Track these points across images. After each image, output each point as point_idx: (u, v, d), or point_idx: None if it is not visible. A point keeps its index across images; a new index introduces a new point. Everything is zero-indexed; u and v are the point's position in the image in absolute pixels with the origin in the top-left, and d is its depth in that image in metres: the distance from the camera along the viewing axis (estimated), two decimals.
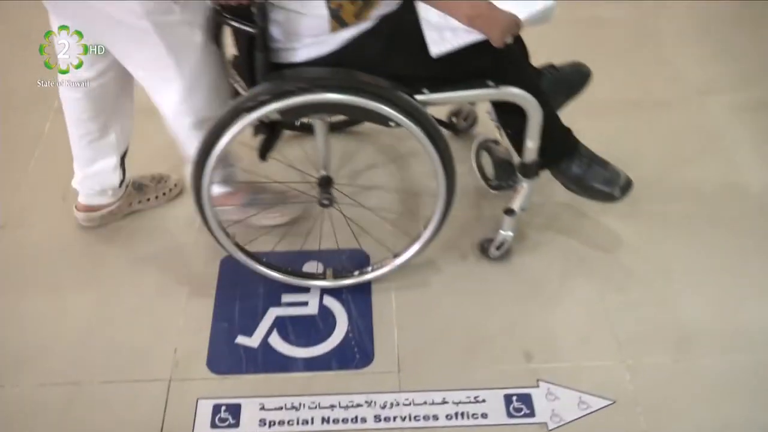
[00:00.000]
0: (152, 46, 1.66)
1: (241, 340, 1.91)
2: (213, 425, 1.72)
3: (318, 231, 2.08)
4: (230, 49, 1.80)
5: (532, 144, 1.76)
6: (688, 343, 1.89)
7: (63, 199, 2.22)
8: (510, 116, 1.75)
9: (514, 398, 1.78)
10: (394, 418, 1.74)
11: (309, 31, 1.62)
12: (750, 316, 1.94)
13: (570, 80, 2.02)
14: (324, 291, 2.01)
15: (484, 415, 1.74)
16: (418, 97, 1.65)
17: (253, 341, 1.91)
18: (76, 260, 2.10)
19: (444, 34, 1.58)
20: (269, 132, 1.80)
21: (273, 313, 1.97)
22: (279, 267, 1.98)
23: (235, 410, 1.76)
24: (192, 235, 2.15)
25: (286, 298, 2.01)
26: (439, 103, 1.72)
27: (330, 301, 2.00)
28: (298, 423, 1.73)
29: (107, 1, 1.57)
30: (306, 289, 2.01)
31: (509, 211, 1.93)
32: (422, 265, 2.06)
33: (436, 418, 1.74)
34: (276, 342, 1.91)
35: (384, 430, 1.72)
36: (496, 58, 1.60)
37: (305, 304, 1.99)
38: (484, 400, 1.77)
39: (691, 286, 2.00)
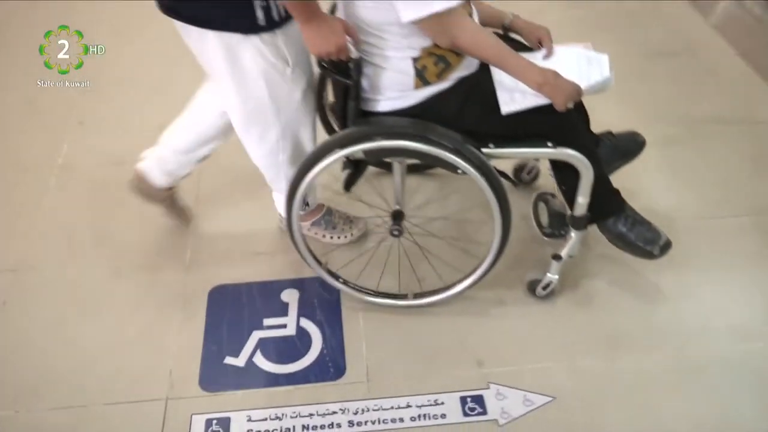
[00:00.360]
0: (258, 95, 1.73)
1: (229, 360, 1.93)
2: None
3: (384, 257, 2.14)
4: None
5: (582, 200, 1.78)
6: (617, 345, 1.95)
7: (68, 243, 2.26)
8: (565, 174, 1.77)
9: (469, 399, 1.83)
10: (365, 422, 1.78)
11: (395, 86, 1.66)
12: (666, 317, 2.03)
13: (625, 147, 2.01)
14: (300, 314, 2.04)
15: (443, 416, 1.79)
16: (485, 150, 1.68)
17: (240, 361, 1.93)
18: (80, 297, 2.11)
19: (514, 95, 1.62)
20: (354, 167, 1.85)
21: (256, 335, 1.99)
22: (366, 290, 2.03)
23: (225, 423, 1.78)
24: (182, 271, 2.17)
25: (268, 321, 2.03)
26: (503, 157, 1.73)
27: (306, 323, 2.02)
28: (281, 431, 1.76)
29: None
30: (285, 313, 2.04)
31: (557, 257, 1.95)
32: None
33: (401, 420, 1.78)
34: (260, 361, 1.93)
35: None
36: (557, 122, 1.63)
37: (284, 326, 2.02)
38: (442, 403, 1.81)
39: (614, 298, 2.08)
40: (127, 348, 1.97)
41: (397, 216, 2.05)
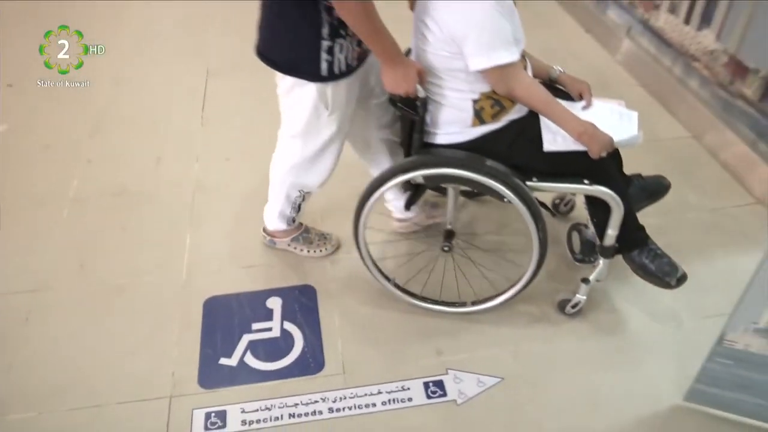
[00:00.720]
0: (298, 120, 1.85)
1: (223, 361, 1.97)
2: (206, 428, 1.79)
3: (432, 269, 2.19)
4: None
5: (612, 232, 1.83)
6: (557, 331, 2.04)
7: (80, 265, 2.31)
8: (598, 209, 1.81)
9: (431, 384, 1.90)
10: (343, 408, 1.84)
11: (454, 123, 1.74)
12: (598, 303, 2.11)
13: (653, 189, 2.04)
14: (283, 318, 2.09)
15: (410, 399, 1.86)
16: (529, 183, 1.74)
17: (233, 361, 1.97)
18: (91, 311, 2.13)
19: (557, 137, 1.70)
20: (414, 190, 1.95)
21: (246, 338, 2.04)
22: (429, 299, 2.08)
23: (222, 415, 1.82)
24: (180, 285, 2.22)
25: (255, 326, 2.07)
26: (544, 190, 1.78)
27: (289, 326, 2.07)
28: (271, 420, 1.81)
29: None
30: (270, 318, 2.09)
31: (585, 280, 1.97)
32: (361, 293, 2.17)
33: (374, 405, 1.85)
34: (250, 360, 1.98)
35: (336, 419, 1.81)
36: (594, 163, 1.68)
37: (270, 329, 2.07)
38: (409, 388, 1.89)
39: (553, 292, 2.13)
40: (134, 354, 2.00)
41: (449, 235, 2.09)
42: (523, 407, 1.85)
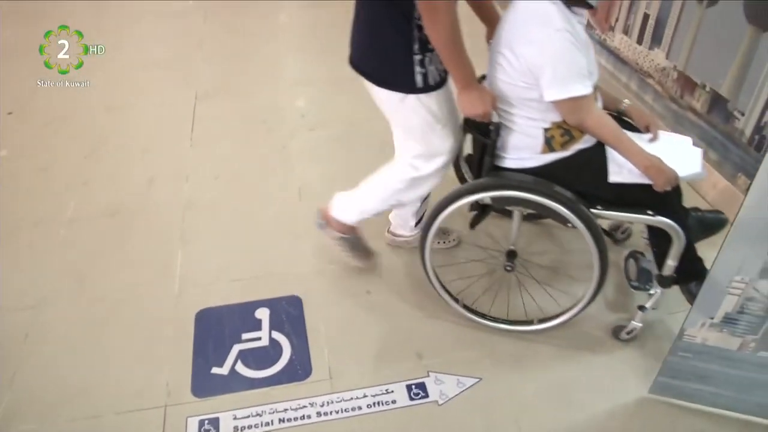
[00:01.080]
0: (416, 139, 1.83)
1: (215, 370, 1.95)
2: None
3: (496, 288, 2.15)
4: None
5: (671, 263, 1.79)
6: (529, 332, 2.01)
7: (78, 283, 2.27)
8: (659, 239, 1.77)
9: (413, 386, 1.88)
10: (331, 412, 1.82)
11: (524, 149, 1.71)
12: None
13: (710, 222, 2.00)
14: (271, 328, 2.06)
15: (394, 402, 1.84)
16: (593, 210, 1.71)
17: (224, 370, 1.95)
18: (89, 327, 2.11)
19: (623, 169, 1.66)
20: (480, 210, 1.91)
21: (236, 348, 2.01)
22: (500, 318, 2.02)
23: (215, 423, 1.80)
24: (173, 299, 2.19)
25: (245, 336, 2.05)
26: (608, 218, 1.77)
27: (277, 335, 2.05)
28: (262, 425, 1.79)
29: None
30: (259, 328, 2.06)
31: (642, 308, 1.93)
32: (346, 302, 2.16)
33: (360, 408, 1.83)
34: (241, 368, 1.95)
35: (324, 422, 1.80)
36: (657, 196, 1.65)
37: (259, 339, 2.04)
38: (392, 391, 1.87)
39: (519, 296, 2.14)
40: (130, 366, 1.98)
41: (511, 254, 2.05)
42: (501, 405, 1.85)
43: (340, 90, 3.26)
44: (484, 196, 1.77)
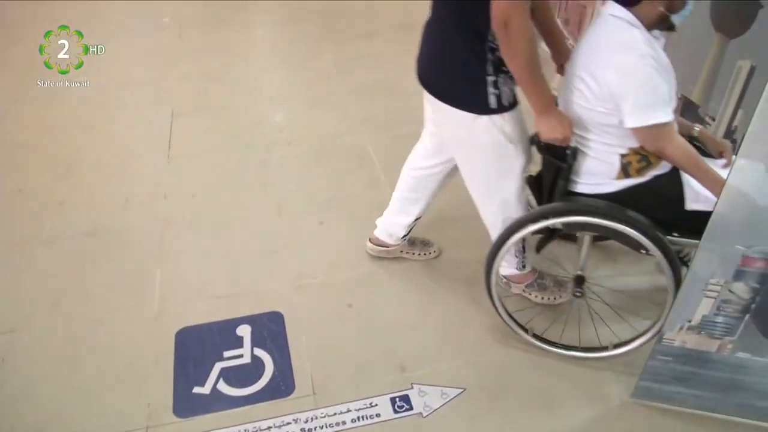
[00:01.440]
0: (485, 163, 1.81)
1: (197, 390, 1.93)
2: None
3: (567, 316, 2.10)
4: None
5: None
6: (510, 341, 2.02)
7: (55, 305, 2.24)
8: None
9: (397, 399, 1.88)
10: (315, 428, 1.81)
11: (599, 174, 1.68)
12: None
13: None
14: (253, 345, 2.04)
15: (378, 415, 1.84)
16: (669, 237, 1.66)
17: (206, 389, 1.93)
18: (68, 350, 2.08)
19: (700, 196, 1.61)
20: (548, 234, 1.87)
21: (218, 366, 2.00)
22: (571, 346, 1.97)
23: None
24: (152, 319, 2.17)
25: (227, 353, 2.03)
26: (684, 246, 1.69)
27: (259, 351, 2.03)
28: None
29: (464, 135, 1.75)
30: (240, 345, 2.05)
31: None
32: (327, 317, 2.15)
33: (344, 423, 1.82)
34: (223, 387, 1.94)
35: None
36: None
37: (241, 356, 2.03)
38: (376, 405, 1.86)
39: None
40: (110, 388, 1.96)
41: (580, 280, 1.97)
42: (486, 414, 1.84)
43: (318, 104, 3.27)
44: (560, 222, 1.73)
